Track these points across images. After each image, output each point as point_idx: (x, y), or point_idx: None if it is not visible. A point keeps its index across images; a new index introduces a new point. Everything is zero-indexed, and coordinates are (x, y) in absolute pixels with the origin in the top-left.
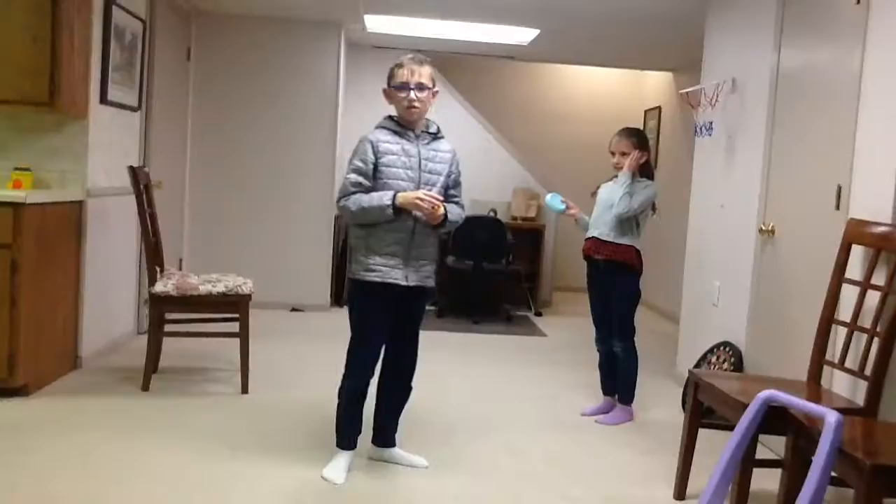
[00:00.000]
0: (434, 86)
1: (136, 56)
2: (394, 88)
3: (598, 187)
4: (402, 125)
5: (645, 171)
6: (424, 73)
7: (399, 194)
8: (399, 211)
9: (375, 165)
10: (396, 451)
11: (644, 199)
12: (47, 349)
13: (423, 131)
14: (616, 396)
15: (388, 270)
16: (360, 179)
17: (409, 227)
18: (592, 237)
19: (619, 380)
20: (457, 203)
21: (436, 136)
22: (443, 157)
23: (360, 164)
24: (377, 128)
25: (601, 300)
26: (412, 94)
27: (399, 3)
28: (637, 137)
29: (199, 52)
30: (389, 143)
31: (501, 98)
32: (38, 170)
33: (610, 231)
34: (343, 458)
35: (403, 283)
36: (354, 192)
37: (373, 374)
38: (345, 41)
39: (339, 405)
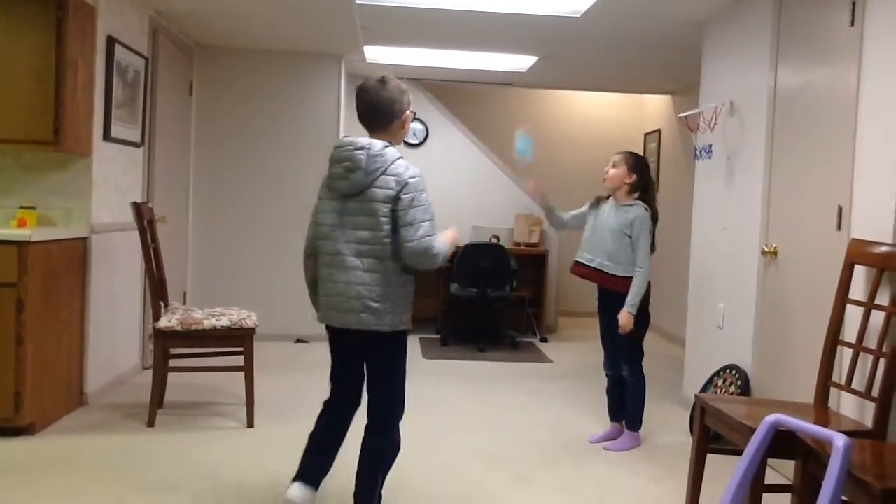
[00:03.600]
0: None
1: (139, 92)
2: (413, 115)
3: (597, 199)
4: None
5: (641, 193)
6: None
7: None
8: None
9: None
10: None
11: (644, 246)
12: (53, 387)
13: None
14: (623, 423)
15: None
16: None
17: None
18: (583, 264)
19: (627, 406)
20: None
21: None
22: None
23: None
24: (402, 158)
25: (610, 324)
26: None
27: (397, 34)
28: (633, 158)
29: (202, 87)
30: None
31: (501, 125)
32: (42, 208)
33: (604, 261)
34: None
35: None
36: None
37: None
38: (345, 72)
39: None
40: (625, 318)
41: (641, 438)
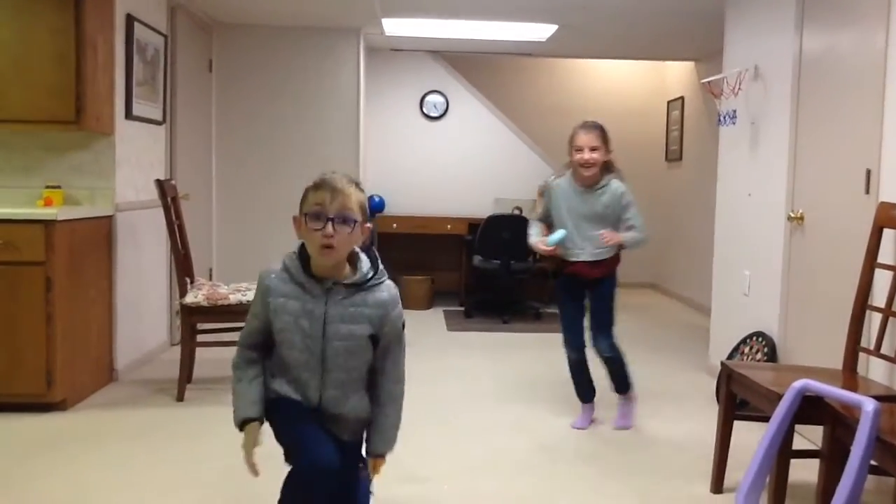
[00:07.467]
0: (365, 219)
1: (159, 70)
2: (306, 217)
3: (545, 184)
4: (310, 273)
5: (608, 166)
6: (352, 200)
7: (247, 431)
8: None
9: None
10: None
11: (637, 213)
12: (83, 363)
13: (336, 283)
14: (593, 401)
15: None
16: (255, 339)
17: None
18: (581, 261)
19: (617, 377)
20: (393, 380)
21: (361, 285)
22: (371, 313)
23: (253, 314)
24: (283, 265)
25: (580, 304)
26: (328, 229)
27: (415, 5)
28: (604, 131)
29: (221, 64)
30: (286, 295)
31: (523, 95)
32: (67, 187)
33: (596, 249)
34: None
35: None
36: (244, 356)
37: None
38: (364, 46)
39: None
40: (618, 235)
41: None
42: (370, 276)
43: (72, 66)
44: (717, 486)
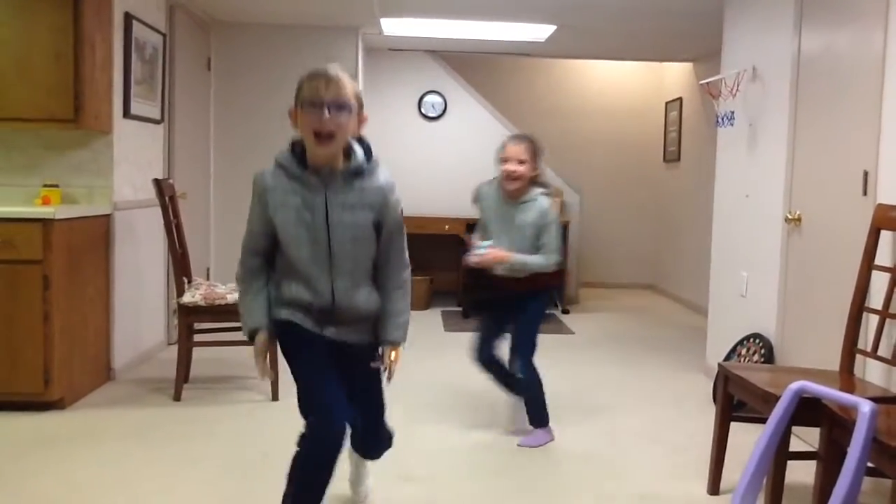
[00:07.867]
0: (361, 108)
1: (158, 69)
2: (302, 106)
3: (478, 191)
4: (305, 164)
5: (536, 180)
6: (347, 88)
7: (257, 340)
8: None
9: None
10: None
11: (556, 234)
12: (81, 362)
13: (333, 173)
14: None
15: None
16: (257, 243)
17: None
18: (503, 275)
19: (530, 406)
20: (398, 267)
21: (359, 172)
22: (371, 200)
23: (253, 218)
24: (275, 163)
25: (501, 320)
26: (326, 114)
27: (414, 5)
28: (535, 146)
29: (219, 62)
30: (285, 191)
31: (521, 96)
32: (65, 185)
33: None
34: None
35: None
36: (249, 264)
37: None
38: (362, 45)
39: None
40: (503, 252)
41: (552, 430)
42: (365, 164)
43: (70, 65)
44: (714, 487)
